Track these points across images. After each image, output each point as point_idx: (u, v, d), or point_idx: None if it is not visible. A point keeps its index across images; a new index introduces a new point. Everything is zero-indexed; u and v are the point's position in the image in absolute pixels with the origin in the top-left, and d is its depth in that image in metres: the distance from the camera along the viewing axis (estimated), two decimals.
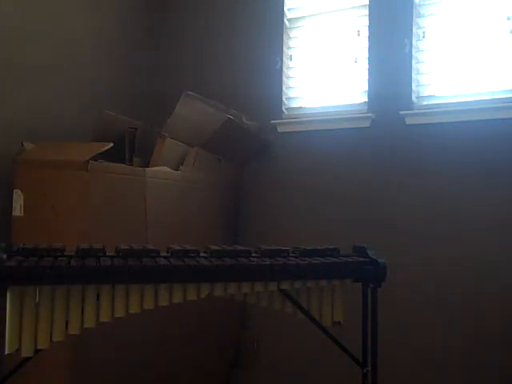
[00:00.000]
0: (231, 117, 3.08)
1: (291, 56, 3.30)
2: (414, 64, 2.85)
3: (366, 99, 2.99)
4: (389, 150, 2.89)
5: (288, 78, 3.30)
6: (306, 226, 3.10)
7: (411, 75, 2.85)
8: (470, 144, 2.66)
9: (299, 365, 3.07)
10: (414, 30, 2.86)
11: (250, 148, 3.29)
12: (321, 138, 3.10)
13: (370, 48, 2.98)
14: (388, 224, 2.84)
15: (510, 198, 2.56)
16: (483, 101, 2.66)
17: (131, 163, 2.96)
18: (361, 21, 3.04)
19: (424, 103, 2.85)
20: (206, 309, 2.74)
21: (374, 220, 2.88)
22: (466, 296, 2.62)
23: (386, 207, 2.87)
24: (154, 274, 1.78)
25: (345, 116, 3.05)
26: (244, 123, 3.21)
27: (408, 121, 2.84)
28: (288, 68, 3.30)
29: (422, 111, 2.82)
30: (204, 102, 3.12)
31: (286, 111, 3.29)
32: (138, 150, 3.04)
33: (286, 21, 3.30)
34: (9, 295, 1.65)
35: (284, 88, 3.29)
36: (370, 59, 2.98)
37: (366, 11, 3.01)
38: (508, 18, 2.62)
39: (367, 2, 3.00)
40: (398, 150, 2.86)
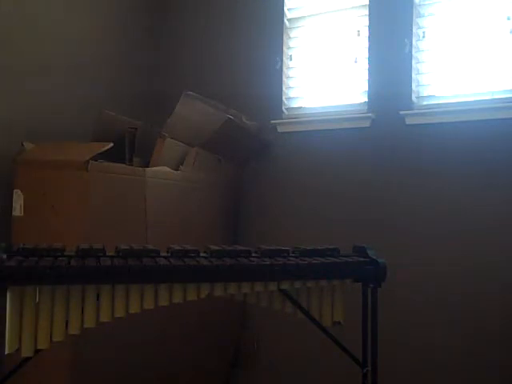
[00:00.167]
0: (231, 117, 3.08)
1: (291, 56, 3.30)
2: (414, 64, 2.85)
3: (366, 99, 2.99)
4: (389, 150, 2.89)
5: (288, 77, 3.30)
6: (306, 226, 3.10)
7: (411, 75, 2.85)
8: (470, 144, 2.66)
9: (299, 365, 3.07)
10: (414, 29, 2.86)
11: (250, 148, 3.29)
12: (321, 137, 3.10)
13: (369, 48, 2.98)
14: (388, 224, 2.84)
15: (510, 198, 2.56)
16: (483, 101, 2.66)
17: (131, 163, 2.96)
18: (361, 21, 3.04)
19: (424, 103, 2.85)
20: (205, 309, 2.74)
21: (373, 220, 2.88)
22: (466, 296, 2.62)
23: (386, 207, 2.87)
24: (154, 274, 1.78)
25: (345, 116, 3.05)
26: (244, 123, 3.21)
27: (408, 121, 2.84)
28: (288, 68, 3.30)
29: (422, 111, 2.82)
30: (204, 102, 3.12)
31: (285, 111, 3.29)
32: (138, 150, 3.04)
33: (286, 21, 3.30)
34: (9, 295, 1.65)
35: (284, 88, 3.29)
36: (369, 59, 2.98)
37: (366, 11, 3.01)
38: (508, 18, 2.62)
39: (367, 2, 3.01)
40: (398, 150, 2.86)
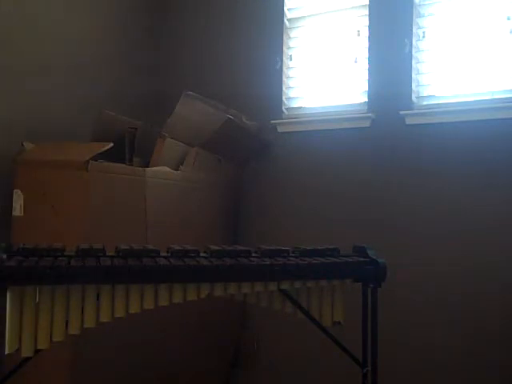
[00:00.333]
0: (231, 117, 3.08)
1: (291, 56, 3.30)
2: (414, 64, 2.85)
3: (366, 99, 2.99)
4: (389, 150, 2.89)
5: (288, 77, 3.30)
6: (306, 226, 3.10)
7: (411, 75, 2.85)
8: (470, 144, 2.66)
9: (299, 365, 3.07)
10: (414, 29, 2.86)
11: (250, 148, 3.29)
12: (321, 138, 3.10)
13: (369, 48, 2.98)
14: (388, 224, 2.84)
15: (510, 198, 2.56)
16: (483, 101, 2.66)
17: (131, 163, 2.96)
18: (361, 21, 3.04)
19: (424, 103, 2.85)
20: (206, 309, 2.74)
21: (374, 220, 2.88)
22: (466, 296, 2.62)
23: (386, 207, 2.87)
24: (154, 274, 1.78)
25: (345, 116, 3.05)
26: (244, 123, 3.21)
27: (408, 121, 2.84)
28: (288, 68, 3.30)
29: (422, 111, 2.82)
30: (204, 102, 3.12)
31: (285, 111, 3.28)
32: (137, 150, 3.03)
33: (286, 21, 3.30)
34: (9, 295, 1.65)
35: (284, 88, 3.29)
36: (370, 59, 2.98)
37: (366, 11, 3.01)
38: (508, 18, 2.62)
39: (367, 2, 3.01)
40: (398, 150, 2.86)
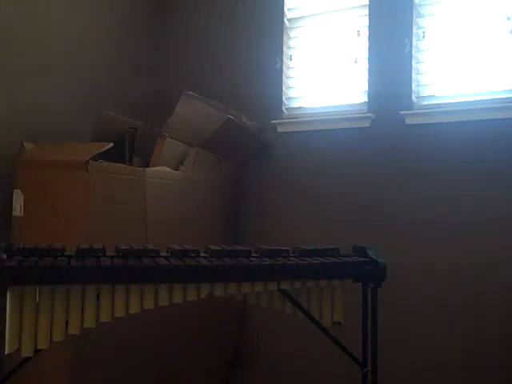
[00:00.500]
0: (231, 117, 3.08)
1: (291, 56, 3.30)
2: (414, 64, 2.85)
3: (366, 99, 2.99)
4: (389, 150, 2.89)
5: (288, 77, 3.30)
6: (306, 226, 3.10)
7: (411, 75, 2.85)
8: (470, 144, 2.66)
9: (299, 365, 3.07)
10: (414, 29, 2.86)
11: (250, 148, 3.29)
12: (321, 138, 3.10)
13: (370, 48, 2.98)
14: (388, 224, 2.84)
15: (510, 198, 2.56)
16: (483, 101, 2.66)
17: (131, 163, 2.96)
18: (361, 21, 3.04)
19: (424, 103, 2.85)
20: (206, 309, 2.74)
21: (374, 220, 2.88)
22: (466, 296, 2.62)
23: (386, 207, 2.87)
24: (154, 274, 1.78)
25: (345, 116, 3.05)
26: (244, 123, 3.20)
27: (408, 121, 2.84)
28: (288, 68, 3.30)
29: (422, 111, 2.82)
30: (204, 102, 3.12)
31: (285, 111, 3.28)
32: (137, 150, 3.03)
33: (286, 21, 3.30)
34: (9, 295, 1.65)
35: (284, 88, 3.29)
36: (370, 59, 2.98)
37: (366, 11, 3.01)
38: (508, 18, 2.62)
39: (367, 2, 3.01)
40: (398, 150, 2.86)
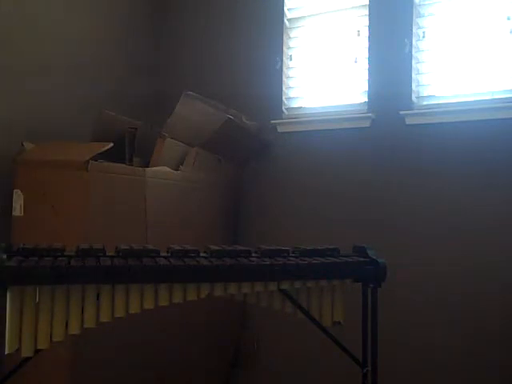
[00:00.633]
0: (231, 117, 3.08)
1: (291, 56, 3.30)
2: (414, 64, 2.85)
3: (366, 99, 2.99)
4: (389, 150, 2.89)
5: (288, 77, 3.30)
6: (306, 226, 3.10)
7: (411, 75, 2.85)
8: (470, 144, 2.66)
9: (299, 365, 3.07)
10: (414, 29, 2.86)
11: (250, 148, 3.29)
12: (321, 138, 3.10)
13: (370, 48, 2.98)
14: (388, 224, 2.84)
15: (510, 198, 2.56)
16: (483, 101, 2.66)
17: (131, 163, 2.96)
18: (361, 21, 3.04)
19: (424, 103, 2.85)
20: (205, 309, 2.74)
21: (374, 220, 2.88)
22: (466, 296, 2.62)
23: (386, 207, 2.87)
24: (154, 274, 1.78)
25: (345, 116, 3.05)
26: (244, 123, 3.20)
27: (408, 121, 2.84)
28: (288, 68, 3.30)
29: (422, 111, 2.82)
30: (204, 102, 3.12)
31: (285, 111, 3.28)
32: (137, 150, 3.03)
33: (286, 21, 3.30)
34: (9, 295, 1.65)
35: (284, 88, 3.29)
36: (370, 59, 2.98)
37: (366, 11, 3.01)
38: (508, 18, 2.62)
39: (367, 2, 3.01)
40: (398, 150, 2.86)
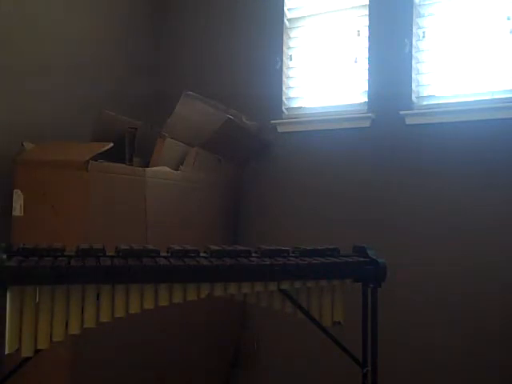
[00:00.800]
0: (231, 117, 3.08)
1: (291, 56, 3.30)
2: (414, 64, 2.85)
3: (366, 99, 2.99)
4: (389, 150, 2.89)
5: (288, 77, 3.30)
6: (306, 226, 3.10)
7: (411, 75, 2.85)
8: (470, 144, 2.66)
9: (299, 365, 3.07)
10: (414, 29, 2.86)
11: (250, 148, 3.29)
12: (321, 138, 3.10)
13: (370, 48, 2.98)
14: (388, 224, 2.84)
15: (510, 198, 2.56)
16: (483, 101, 2.66)
17: (131, 163, 2.96)
18: (361, 21, 3.04)
19: (424, 103, 2.85)
20: (206, 309, 2.74)
21: (374, 220, 2.88)
22: (466, 296, 2.62)
23: (386, 207, 2.87)
24: (154, 274, 1.78)
25: (345, 116, 3.05)
26: (244, 123, 3.20)
27: (408, 121, 2.84)
28: (288, 68, 3.30)
29: (422, 111, 2.82)
30: (204, 102, 3.12)
31: (285, 111, 3.28)
32: (137, 150, 3.03)
33: (286, 21, 3.30)
34: (9, 295, 1.65)
35: (284, 88, 3.29)
36: (370, 59, 2.98)
37: (366, 11, 3.01)
38: (508, 18, 2.62)
39: (367, 2, 3.00)
40: (398, 150, 2.86)
